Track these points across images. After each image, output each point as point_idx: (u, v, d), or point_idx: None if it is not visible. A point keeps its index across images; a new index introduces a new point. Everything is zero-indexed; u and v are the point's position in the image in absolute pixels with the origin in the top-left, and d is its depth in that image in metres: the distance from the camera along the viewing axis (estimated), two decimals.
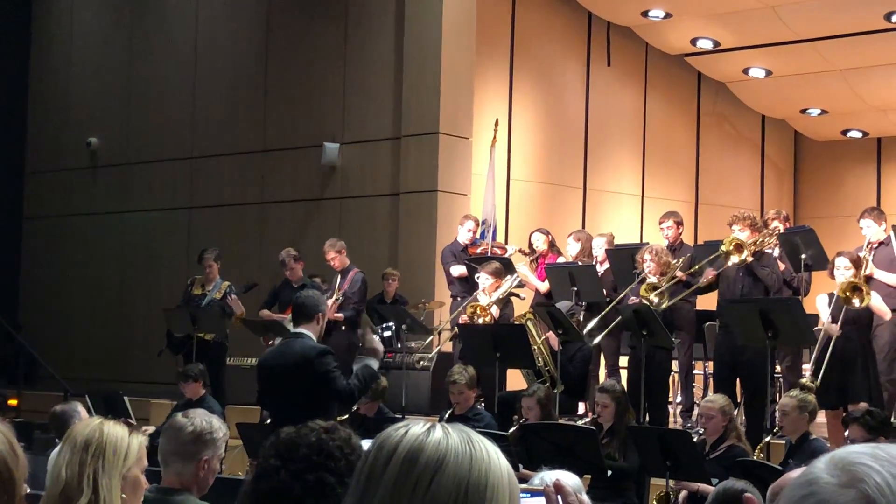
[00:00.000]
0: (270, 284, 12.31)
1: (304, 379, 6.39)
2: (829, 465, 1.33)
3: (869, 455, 1.32)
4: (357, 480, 1.60)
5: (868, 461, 1.31)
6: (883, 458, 1.32)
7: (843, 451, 1.35)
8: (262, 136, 14.69)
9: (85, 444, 3.23)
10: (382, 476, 1.55)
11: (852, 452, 1.34)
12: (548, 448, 7.30)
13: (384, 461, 1.56)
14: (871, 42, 13.86)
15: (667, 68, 15.79)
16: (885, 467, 1.30)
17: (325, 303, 6.75)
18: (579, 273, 10.44)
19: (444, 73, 12.91)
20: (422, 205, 12.97)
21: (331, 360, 6.46)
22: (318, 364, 6.39)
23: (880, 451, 1.33)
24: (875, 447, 1.34)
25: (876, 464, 1.30)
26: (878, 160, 16.65)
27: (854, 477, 1.30)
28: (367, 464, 1.59)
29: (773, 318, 8.34)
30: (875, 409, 6.98)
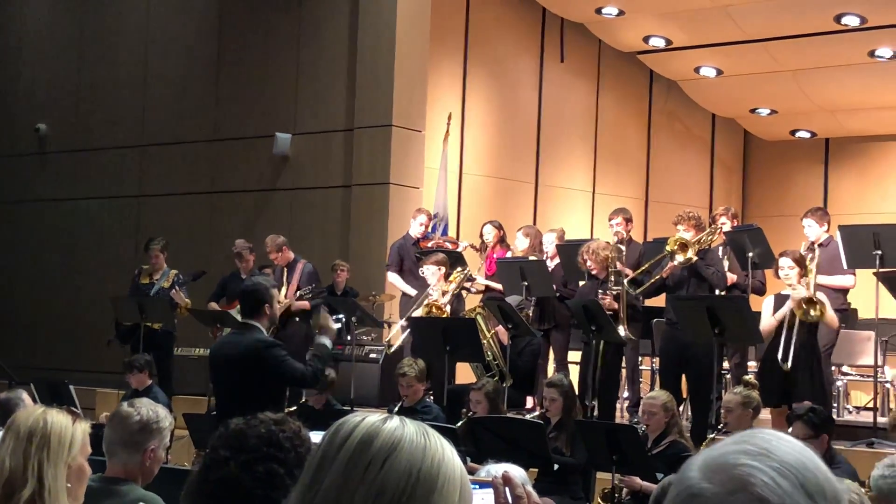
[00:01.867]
0: (219, 275, 12.24)
1: (252, 371, 6.36)
2: (705, 471, 1.32)
3: (742, 453, 1.32)
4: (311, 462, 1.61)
5: (745, 460, 1.31)
6: (756, 452, 1.32)
7: (713, 455, 1.34)
8: (213, 125, 14.60)
9: (29, 434, 3.20)
10: (336, 457, 1.57)
11: (725, 454, 1.33)
12: (495, 441, 7.34)
13: (339, 443, 1.58)
14: (821, 43, 14.01)
15: (619, 66, 15.88)
16: (765, 462, 1.30)
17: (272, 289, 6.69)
18: (530, 268, 10.48)
19: (397, 66, 12.90)
20: (374, 197, 12.95)
21: (278, 350, 6.43)
22: (268, 357, 6.36)
23: (749, 445, 1.33)
24: (740, 441, 1.34)
25: (754, 461, 1.30)
26: (826, 161, 16.85)
27: (739, 480, 1.29)
28: (322, 446, 1.61)
29: (720, 315, 8.43)
30: (818, 407, 7.08)
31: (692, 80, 16.07)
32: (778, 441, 1.34)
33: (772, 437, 1.35)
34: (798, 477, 1.30)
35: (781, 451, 1.32)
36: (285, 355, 6.42)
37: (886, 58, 14.00)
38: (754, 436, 1.36)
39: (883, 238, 9.14)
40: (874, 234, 9.19)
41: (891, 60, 14.03)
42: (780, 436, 1.36)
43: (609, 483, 7.55)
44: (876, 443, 8.88)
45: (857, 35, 13.65)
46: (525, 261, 10.75)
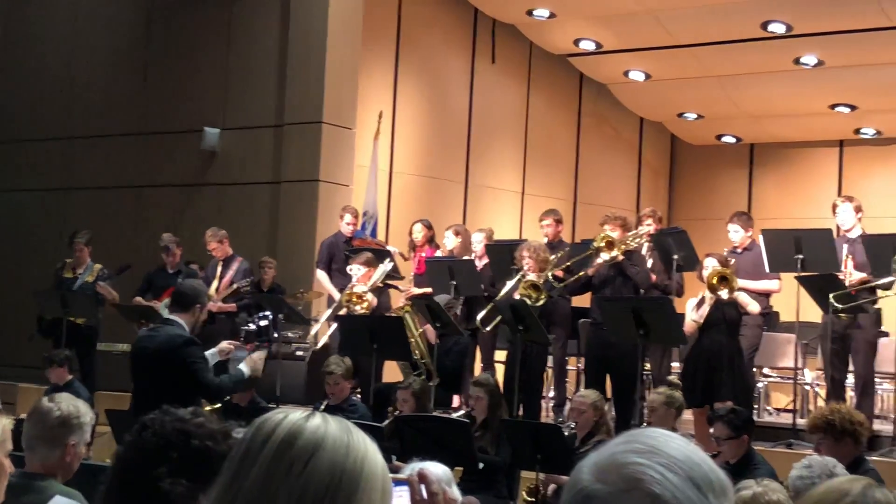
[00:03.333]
0: (145, 270, 12.11)
1: (168, 366, 6.31)
2: (596, 472, 1.35)
3: (631, 452, 1.35)
4: (232, 460, 1.60)
5: (635, 458, 1.33)
6: (644, 450, 1.35)
7: (603, 456, 1.36)
8: (140, 118, 14.43)
9: None
10: (258, 456, 1.56)
11: (614, 454, 1.35)
12: (421, 440, 7.34)
13: (261, 442, 1.57)
14: (748, 50, 14.21)
15: (550, 67, 15.97)
16: (654, 459, 1.33)
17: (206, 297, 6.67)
18: (458, 267, 10.51)
19: (328, 63, 12.85)
20: (303, 194, 12.90)
21: (196, 350, 6.39)
22: (182, 354, 6.33)
23: (637, 443, 1.36)
24: (628, 441, 1.37)
25: (643, 459, 1.33)
26: (751, 166, 17.10)
27: (630, 479, 1.32)
28: (243, 444, 1.59)
29: (645, 316, 8.52)
30: (739, 408, 7.18)
31: (621, 84, 16.22)
32: (664, 438, 1.37)
33: (658, 435, 1.38)
34: (686, 471, 1.33)
35: (669, 448, 1.35)
36: (201, 357, 6.39)
37: (811, 65, 14.24)
38: (641, 434, 1.38)
39: (804, 242, 9.30)
40: (796, 239, 9.35)
41: (815, 68, 14.28)
42: (665, 433, 1.39)
43: (533, 480, 7.60)
44: (795, 444, 9.04)
45: (783, 42, 13.87)
46: (454, 260, 10.78)
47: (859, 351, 9.20)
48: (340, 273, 11.38)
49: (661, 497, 1.31)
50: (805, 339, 10.86)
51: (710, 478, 1.35)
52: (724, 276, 8.75)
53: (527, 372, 9.51)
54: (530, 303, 9.25)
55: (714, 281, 8.74)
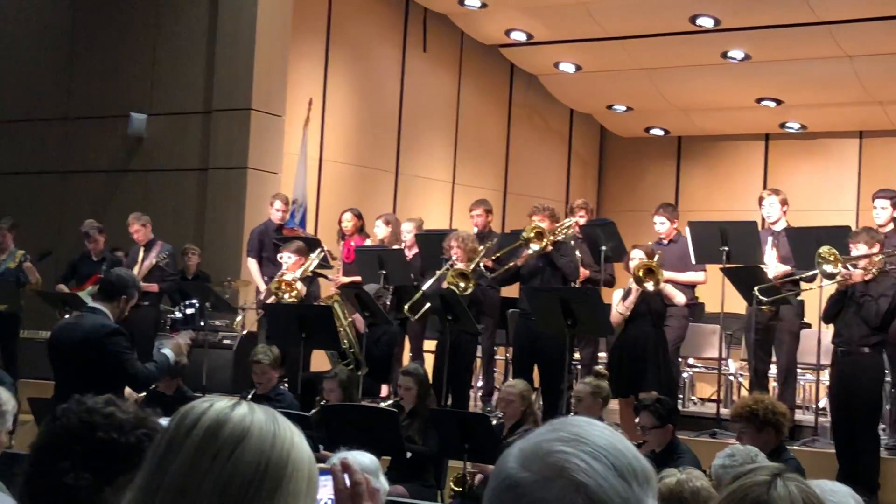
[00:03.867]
0: (69, 257, 11.94)
1: (91, 356, 6.20)
2: (521, 460, 1.36)
3: (556, 440, 1.36)
4: (156, 449, 1.58)
5: (559, 447, 1.35)
6: (569, 438, 1.37)
7: (529, 444, 1.38)
8: (66, 103, 14.20)
9: None
10: (183, 445, 1.54)
11: (539, 443, 1.37)
12: (349, 429, 7.33)
13: (186, 431, 1.55)
14: (676, 43, 14.35)
15: (481, 58, 15.99)
16: (578, 447, 1.35)
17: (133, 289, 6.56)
18: (388, 256, 10.49)
19: (258, 49, 12.73)
20: (231, 181, 12.78)
21: (122, 340, 6.28)
22: (108, 344, 6.21)
23: (562, 432, 1.38)
24: (553, 429, 1.39)
25: (568, 447, 1.35)
26: (678, 158, 17.28)
27: (555, 467, 1.34)
28: (167, 434, 1.57)
29: (573, 307, 8.57)
30: (664, 398, 7.26)
31: (552, 75, 16.29)
32: (589, 426, 1.39)
33: (583, 423, 1.40)
34: (611, 459, 1.35)
35: (593, 436, 1.37)
36: (127, 347, 6.29)
37: (738, 59, 14.41)
38: (566, 423, 1.40)
39: (730, 235, 9.43)
40: (721, 231, 9.47)
41: (742, 62, 14.46)
42: (590, 421, 1.41)
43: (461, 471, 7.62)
44: (718, 433, 9.17)
45: (711, 36, 14.03)
46: (383, 249, 10.76)
47: (782, 342, 9.35)
48: (270, 262, 11.31)
49: (586, 485, 1.32)
50: (729, 330, 11.01)
51: (633, 466, 1.36)
52: (650, 269, 8.83)
53: (455, 362, 9.53)
54: (458, 292, 9.27)
55: (640, 273, 8.82)
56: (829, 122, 15.80)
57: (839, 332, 8.30)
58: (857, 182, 15.75)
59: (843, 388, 8.22)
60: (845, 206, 15.34)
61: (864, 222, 11.00)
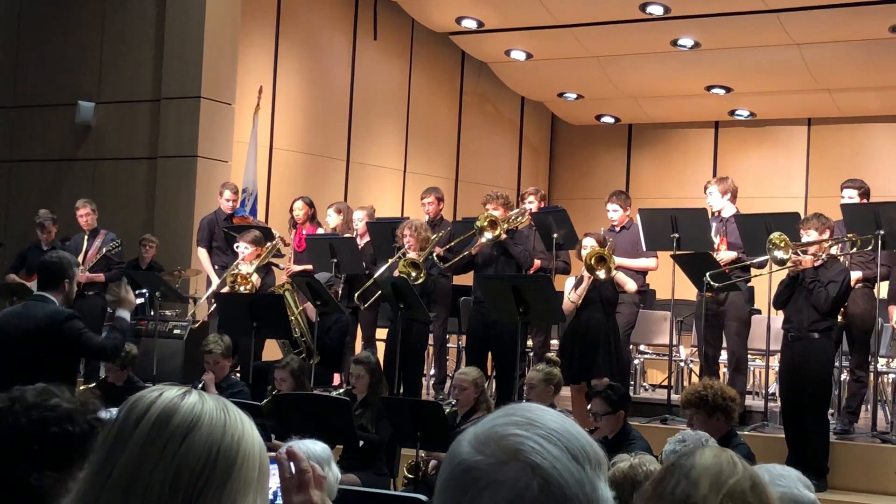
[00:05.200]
0: (18, 247, 11.79)
1: (45, 344, 6.09)
2: (475, 444, 1.38)
3: (510, 424, 1.38)
4: (104, 439, 1.56)
5: (513, 430, 1.37)
6: (523, 422, 1.39)
7: (483, 429, 1.40)
8: (11, 90, 14.01)
9: None
10: (132, 435, 1.52)
11: (493, 427, 1.39)
12: (301, 418, 7.30)
13: (135, 421, 1.53)
14: (627, 31, 14.39)
15: (432, 46, 15.97)
16: (531, 430, 1.37)
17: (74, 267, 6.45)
18: (339, 245, 10.46)
19: (207, 37, 12.63)
20: (181, 170, 12.68)
21: (78, 323, 6.21)
22: (66, 329, 6.13)
23: (515, 416, 1.40)
24: (506, 414, 1.41)
25: (521, 430, 1.37)
26: (629, 146, 17.37)
27: (510, 449, 1.35)
28: (116, 424, 1.55)
29: (524, 294, 8.59)
30: (616, 384, 7.30)
31: (503, 63, 16.30)
32: (541, 411, 1.41)
33: (535, 408, 1.42)
34: (563, 442, 1.37)
35: (546, 420, 1.39)
36: (83, 328, 6.21)
37: (688, 47, 14.49)
38: (519, 408, 1.42)
39: (680, 222, 9.49)
40: (672, 218, 9.54)
41: (692, 50, 14.54)
42: (542, 407, 1.43)
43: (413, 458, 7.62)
44: (669, 419, 9.24)
45: (661, 24, 14.09)
46: (335, 237, 10.73)
47: (732, 328, 9.43)
48: (220, 251, 11.24)
49: (541, 467, 1.34)
50: (680, 317, 11.09)
51: (586, 450, 1.38)
52: (601, 257, 8.87)
53: (407, 350, 9.53)
54: (410, 281, 9.26)
55: (592, 262, 8.85)
56: (778, 110, 15.94)
57: (789, 317, 8.39)
58: (806, 169, 15.92)
59: (793, 373, 8.31)
60: (795, 192, 15.51)
61: (813, 208, 11.12)
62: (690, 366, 11.91)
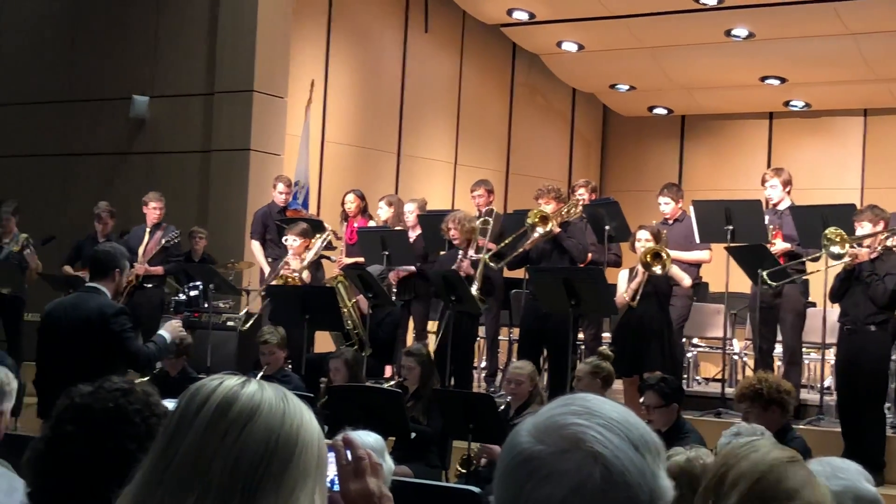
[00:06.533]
0: (73, 240, 11.92)
1: (95, 335, 6.14)
2: (535, 434, 1.38)
3: (569, 413, 1.38)
4: (166, 427, 1.57)
5: (573, 419, 1.37)
6: (582, 412, 1.39)
7: (541, 419, 1.40)
8: (68, 86, 14.17)
9: None
10: (193, 422, 1.53)
11: (552, 416, 1.39)
12: (354, 410, 7.32)
13: (196, 408, 1.54)
14: (680, 21, 14.28)
15: (483, 38, 15.94)
16: (591, 420, 1.37)
17: (124, 259, 6.51)
18: (391, 237, 10.48)
19: (260, 31, 12.70)
20: (233, 163, 12.76)
21: (126, 320, 6.25)
22: (113, 324, 6.17)
23: (574, 406, 1.40)
24: (564, 404, 1.41)
25: (581, 419, 1.37)
26: (682, 137, 17.24)
27: (571, 438, 1.35)
28: (178, 411, 1.57)
29: (576, 287, 8.56)
30: (669, 377, 7.25)
31: (554, 55, 16.23)
32: (599, 401, 1.42)
33: (593, 398, 1.42)
34: (624, 431, 1.37)
35: (605, 409, 1.39)
36: (130, 327, 6.24)
37: (742, 37, 14.36)
38: (576, 399, 1.42)
39: (734, 213, 9.40)
40: (726, 210, 9.45)
41: (746, 40, 14.40)
42: (598, 397, 1.43)
43: (465, 450, 7.63)
44: (723, 412, 9.17)
45: (715, 14, 13.96)
46: (386, 230, 10.75)
47: (787, 321, 9.33)
48: (274, 243, 11.31)
49: (603, 455, 1.34)
50: (734, 310, 10.99)
51: (646, 438, 1.39)
52: (657, 253, 8.82)
53: (458, 342, 9.53)
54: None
55: (648, 258, 8.80)
56: (833, 100, 15.75)
57: (846, 310, 8.29)
58: (862, 160, 15.72)
59: (849, 366, 8.22)
60: (850, 184, 15.31)
61: (869, 200, 10.97)
62: (744, 359, 11.81)
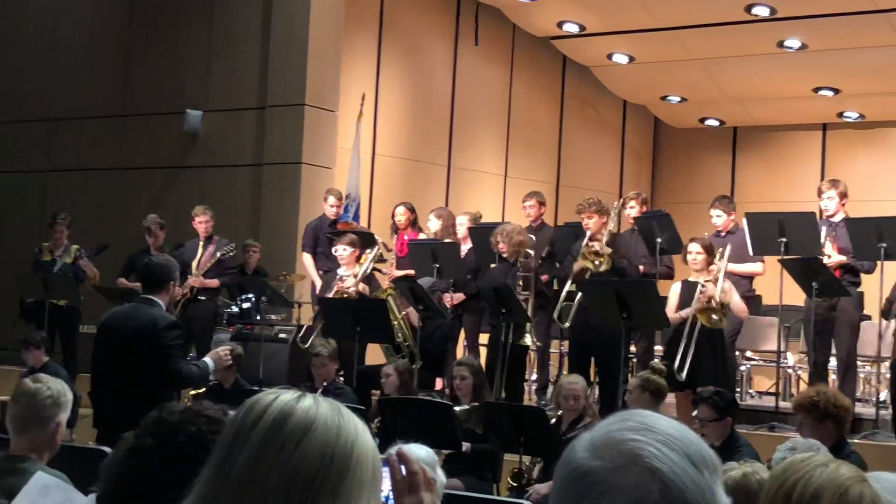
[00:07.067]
0: (127, 252, 12.05)
1: (147, 346, 6.18)
2: (591, 450, 1.37)
3: (626, 430, 1.37)
4: (222, 442, 1.58)
5: (631, 435, 1.36)
6: (640, 428, 1.38)
7: (598, 435, 1.39)
8: (122, 100, 14.34)
9: None
10: (249, 437, 1.55)
11: (609, 432, 1.38)
12: (405, 422, 7.33)
13: (252, 423, 1.56)
14: (732, 33, 14.20)
15: (533, 50, 15.94)
16: (649, 436, 1.36)
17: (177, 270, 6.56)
18: (441, 250, 10.48)
19: (311, 44, 12.79)
20: (285, 176, 12.85)
21: (177, 335, 6.24)
22: (163, 337, 6.19)
23: (630, 422, 1.39)
24: (621, 420, 1.40)
25: (638, 435, 1.36)
26: (734, 149, 17.12)
27: (629, 454, 1.34)
28: (234, 425, 1.58)
29: (628, 299, 8.52)
30: (723, 390, 7.19)
31: (604, 67, 16.20)
32: (656, 417, 1.41)
33: (650, 414, 1.41)
34: (682, 447, 1.36)
35: (662, 425, 1.38)
36: (177, 343, 6.24)
37: (794, 48, 14.25)
38: (633, 415, 1.41)
39: (788, 226, 9.31)
40: (780, 222, 9.36)
41: (798, 51, 14.29)
42: (654, 414, 1.42)
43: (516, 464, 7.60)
44: (777, 426, 9.07)
45: (767, 25, 13.87)
46: (437, 243, 10.75)
47: (841, 334, 9.23)
48: (325, 256, 11.36)
49: (661, 471, 1.33)
50: (788, 323, 10.89)
51: (704, 455, 1.38)
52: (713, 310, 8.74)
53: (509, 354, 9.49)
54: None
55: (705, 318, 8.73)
56: (887, 112, 15.56)
57: None
58: None
59: None
60: None
61: None
62: (798, 372, 11.69)
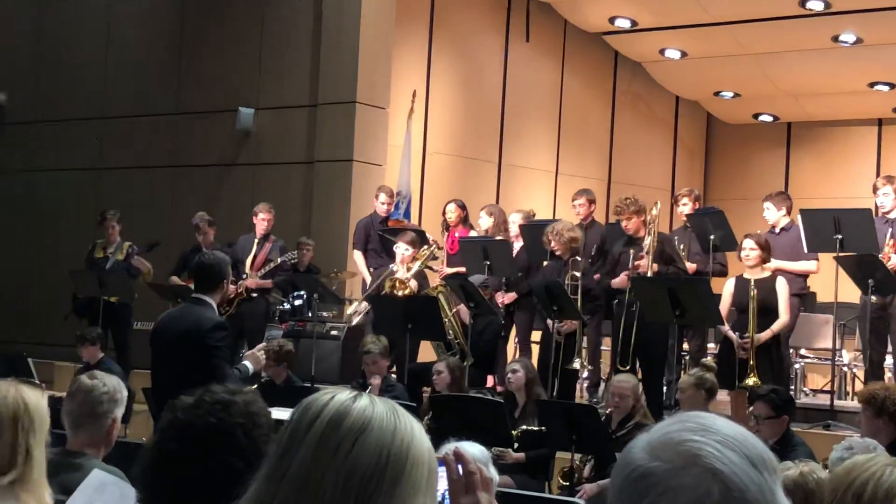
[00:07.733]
0: (180, 250, 12.15)
1: (193, 347, 6.19)
2: (650, 451, 1.36)
3: (685, 430, 1.37)
4: (279, 441, 1.59)
5: (689, 436, 1.36)
6: (698, 429, 1.37)
7: (656, 435, 1.38)
8: (175, 98, 14.46)
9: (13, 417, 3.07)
10: (305, 436, 1.55)
11: (668, 433, 1.37)
12: (456, 420, 7.33)
13: (308, 422, 1.56)
14: (786, 28, 14.06)
15: (584, 46, 15.87)
16: (708, 436, 1.36)
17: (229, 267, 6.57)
18: (492, 247, 10.46)
19: (362, 42, 12.81)
20: (336, 174, 12.89)
21: (221, 336, 6.23)
22: (209, 338, 6.18)
23: (689, 423, 1.38)
24: (679, 421, 1.39)
25: (697, 436, 1.36)
26: (788, 145, 16.95)
27: (688, 455, 1.34)
28: (290, 425, 1.59)
29: (680, 297, 8.46)
30: (780, 388, 7.12)
31: (657, 62, 16.09)
32: (713, 418, 1.40)
33: (707, 416, 1.41)
34: (741, 447, 1.36)
35: (719, 426, 1.38)
36: (222, 345, 6.24)
37: (849, 43, 14.08)
38: (691, 416, 1.41)
39: (843, 222, 9.20)
40: (835, 219, 9.25)
41: (854, 46, 14.11)
42: (712, 415, 1.42)
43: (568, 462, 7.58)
44: (832, 425, 8.97)
45: (821, 20, 13.72)
46: (488, 240, 10.74)
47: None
48: (376, 253, 11.39)
49: (721, 472, 1.33)
50: (843, 320, 10.76)
51: (763, 455, 1.37)
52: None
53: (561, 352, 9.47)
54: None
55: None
56: None
57: None
58: None
59: None
60: None
61: None
62: (853, 370, 11.55)
